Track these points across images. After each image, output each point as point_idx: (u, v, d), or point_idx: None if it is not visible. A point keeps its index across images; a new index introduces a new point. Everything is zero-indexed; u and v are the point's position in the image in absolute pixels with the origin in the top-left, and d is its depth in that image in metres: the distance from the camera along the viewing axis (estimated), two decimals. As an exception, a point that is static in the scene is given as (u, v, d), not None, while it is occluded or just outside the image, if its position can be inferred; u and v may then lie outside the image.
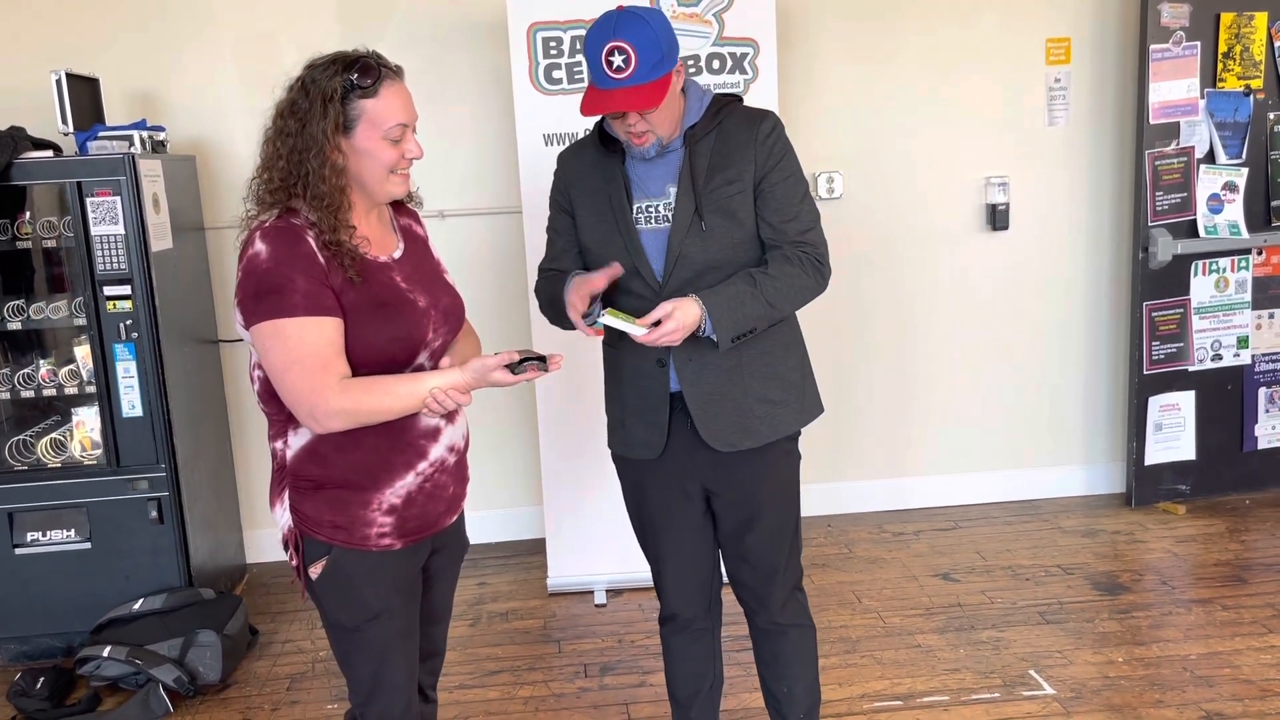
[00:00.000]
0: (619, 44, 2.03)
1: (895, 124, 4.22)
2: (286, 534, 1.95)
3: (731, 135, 2.18)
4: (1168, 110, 4.09)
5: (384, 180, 1.87)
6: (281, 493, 1.94)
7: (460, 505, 2.09)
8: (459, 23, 4.00)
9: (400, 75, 1.88)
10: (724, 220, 2.16)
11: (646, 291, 2.18)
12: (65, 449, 3.51)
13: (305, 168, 1.79)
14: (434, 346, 1.95)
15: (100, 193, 3.29)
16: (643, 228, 2.20)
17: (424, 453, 1.94)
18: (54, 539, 3.44)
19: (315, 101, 1.78)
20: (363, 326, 1.82)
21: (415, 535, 1.97)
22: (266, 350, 1.79)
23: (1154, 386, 4.27)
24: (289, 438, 1.91)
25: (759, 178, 2.17)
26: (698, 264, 2.16)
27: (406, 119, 1.86)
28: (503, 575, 4.01)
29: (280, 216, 1.82)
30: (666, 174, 2.19)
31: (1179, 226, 4.16)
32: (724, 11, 3.49)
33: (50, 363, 3.53)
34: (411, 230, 2.06)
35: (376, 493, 1.90)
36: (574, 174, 2.27)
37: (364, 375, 1.83)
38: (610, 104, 2.05)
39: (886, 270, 4.31)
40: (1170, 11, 4.02)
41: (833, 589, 3.75)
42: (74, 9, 3.88)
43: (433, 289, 1.97)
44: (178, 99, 3.97)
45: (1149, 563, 3.85)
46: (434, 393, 1.81)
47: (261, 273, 1.78)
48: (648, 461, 2.30)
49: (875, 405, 4.42)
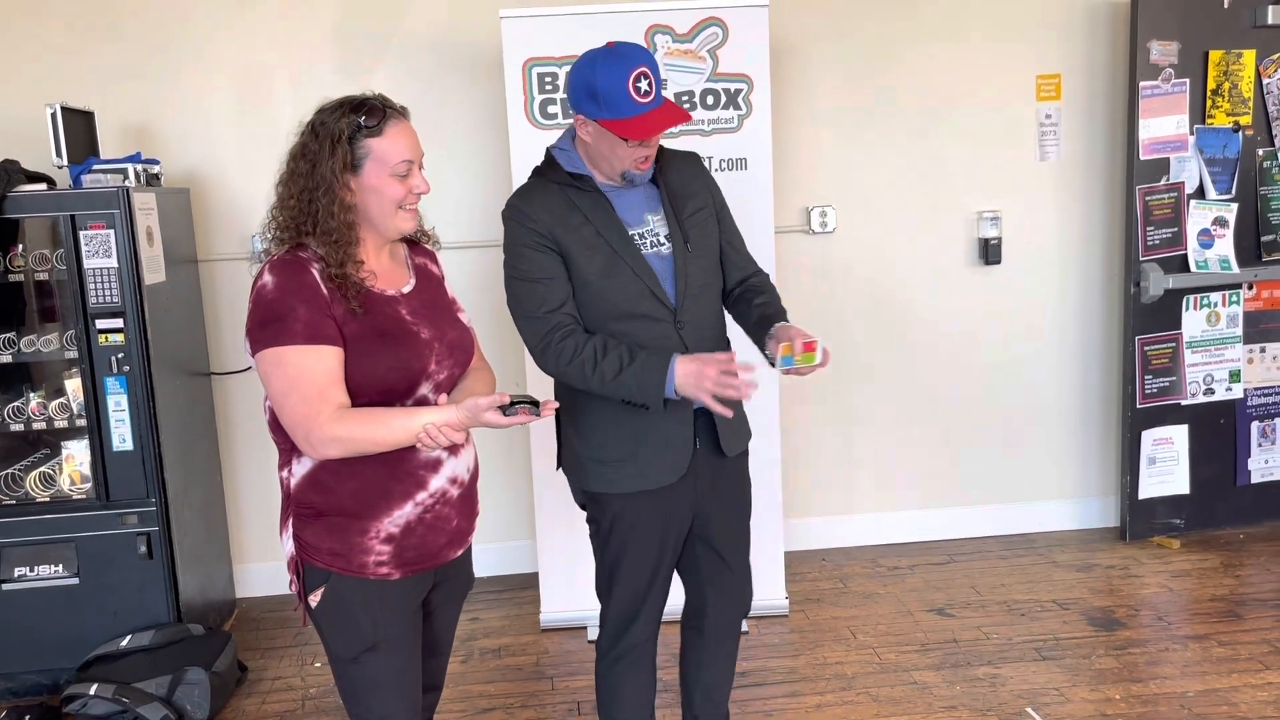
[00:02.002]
0: (643, 70, 2.16)
1: (887, 158, 4.24)
2: (290, 561, 1.98)
3: (681, 169, 2.39)
4: (1158, 146, 4.13)
5: (393, 216, 1.94)
6: (287, 521, 1.98)
7: (466, 539, 2.10)
8: (454, 56, 4.02)
9: (405, 115, 1.98)
10: (704, 242, 2.36)
11: (661, 314, 2.28)
12: (54, 483, 3.48)
13: (315, 205, 1.87)
14: (438, 379, 1.97)
15: (94, 226, 3.28)
16: (645, 254, 2.28)
17: (423, 483, 1.96)
18: (42, 574, 3.40)
19: (324, 143, 1.88)
20: (364, 355, 1.87)
21: (414, 566, 1.98)
22: (269, 377, 1.85)
23: (1147, 420, 4.28)
24: (293, 466, 1.96)
25: (716, 206, 2.43)
26: (697, 284, 2.32)
27: (412, 155, 1.95)
28: (495, 610, 3.97)
29: (290, 251, 1.91)
30: (639, 204, 2.31)
31: (1170, 261, 4.18)
32: (718, 48, 3.51)
33: (40, 396, 3.51)
34: (426, 269, 2.11)
35: (374, 521, 1.93)
36: (549, 215, 2.25)
37: (365, 403, 1.87)
38: (659, 123, 2.16)
39: (879, 304, 4.32)
40: (1159, 49, 4.06)
41: (827, 624, 3.72)
42: (69, 42, 3.89)
43: (439, 323, 2.02)
44: (172, 131, 3.97)
45: (1144, 598, 3.84)
46: (427, 428, 1.83)
47: (267, 302, 1.86)
48: (651, 492, 2.32)
49: (868, 439, 4.42)
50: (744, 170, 3.58)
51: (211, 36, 3.95)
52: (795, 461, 4.25)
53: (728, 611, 2.55)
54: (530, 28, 3.47)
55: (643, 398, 2.19)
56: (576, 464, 2.40)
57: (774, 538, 3.78)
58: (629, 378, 2.19)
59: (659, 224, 2.32)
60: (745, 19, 3.50)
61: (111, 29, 3.90)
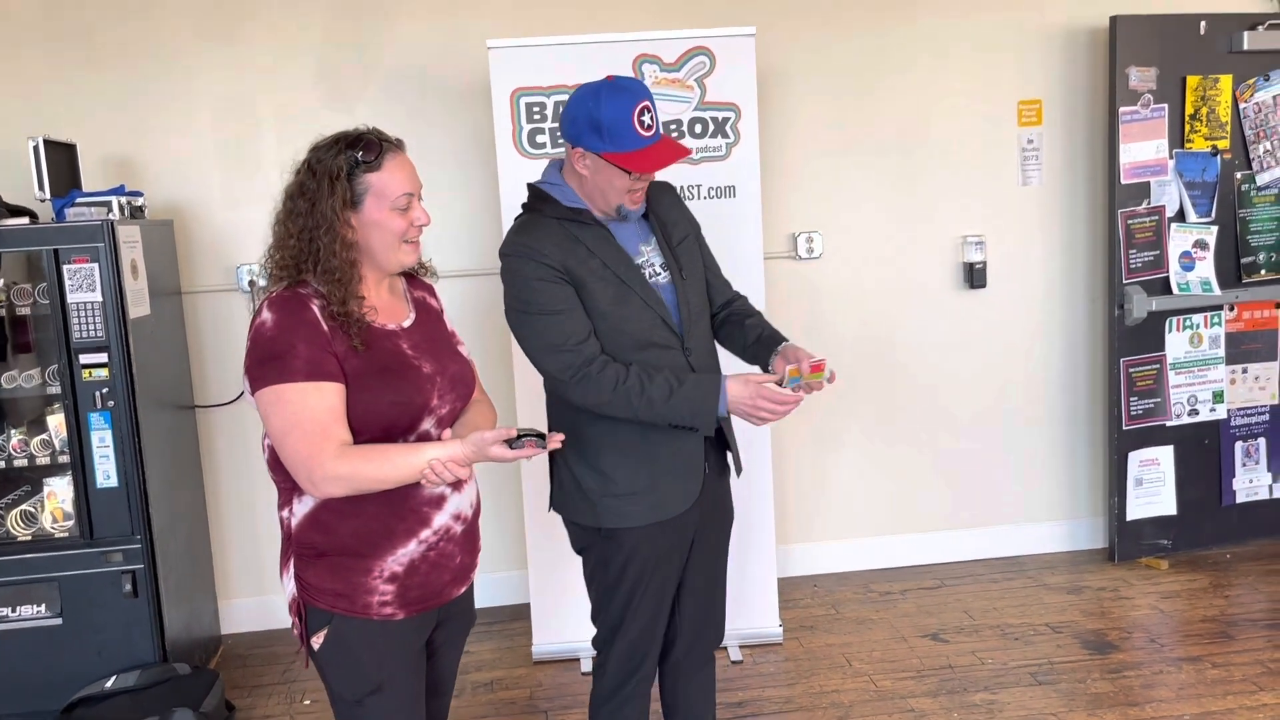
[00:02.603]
0: (646, 104, 2.18)
1: (872, 184, 4.27)
2: (291, 603, 1.95)
3: (661, 200, 2.41)
4: (1138, 170, 4.17)
5: (395, 250, 1.93)
6: (288, 562, 1.95)
7: (469, 576, 2.06)
8: (438, 86, 4.01)
9: (402, 147, 1.97)
10: (694, 269, 2.40)
11: (672, 341, 2.29)
12: (36, 521, 3.42)
13: (316, 244, 1.85)
14: (440, 413, 1.95)
15: (78, 260, 3.24)
16: (650, 282, 2.30)
17: (427, 520, 1.94)
18: (24, 615, 3.33)
19: (322, 181, 1.86)
20: (365, 391, 1.85)
21: (419, 606, 1.95)
22: (269, 415, 1.82)
23: (1133, 441, 4.30)
24: (294, 506, 1.93)
25: (695, 234, 2.47)
26: (695, 311, 2.36)
27: (412, 188, 1.94)
28: (486, 643, 3.93)
29: (289, 287, 1.88)
30: (631, 235, 2.33)
31: (1153, 284, 4.22)
32: (705, 77, 3.52)
33: (21, 432, 3.45)
34: (425, 302, 2.10)
35: (378, 560, 1.90)
36: (558, 250, 2.21)
37: (367, 440, 1.85)
38: (665, 157, 2.18)
39: (866, 328, 4.33)
40: (1138, 75, 4.11)
41: (822, 652, 3.71)
42: (50, 74, 3.85)
43: (440, 357, 2.00)
44: (155, 163, 3.94)
45: (1136, 620, 3.85)
46: (432, 464, 1.82)
47: (266, 340, 1.83)
48: (669, 521, 2.31)
49: (856, 464, 4.42)
50: (732, 198, 3.59)
51: (194, 67, 3.92)
52: (783, 486, 4.25)
53: (703, 636, 2.52)
54: (518, 58, 3.47)
55: (694, 421, 2.19)
56: (585, 502, 2.32)
57: (767, 565, 3.76)
58: (680, 401, 2.18)
59: (653, 254, 2.34)
60: (732, 48, 3.52)
61: (93, 60, 3.87)
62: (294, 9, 3.93)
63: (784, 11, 4.12)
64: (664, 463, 2.29)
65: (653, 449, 2.27)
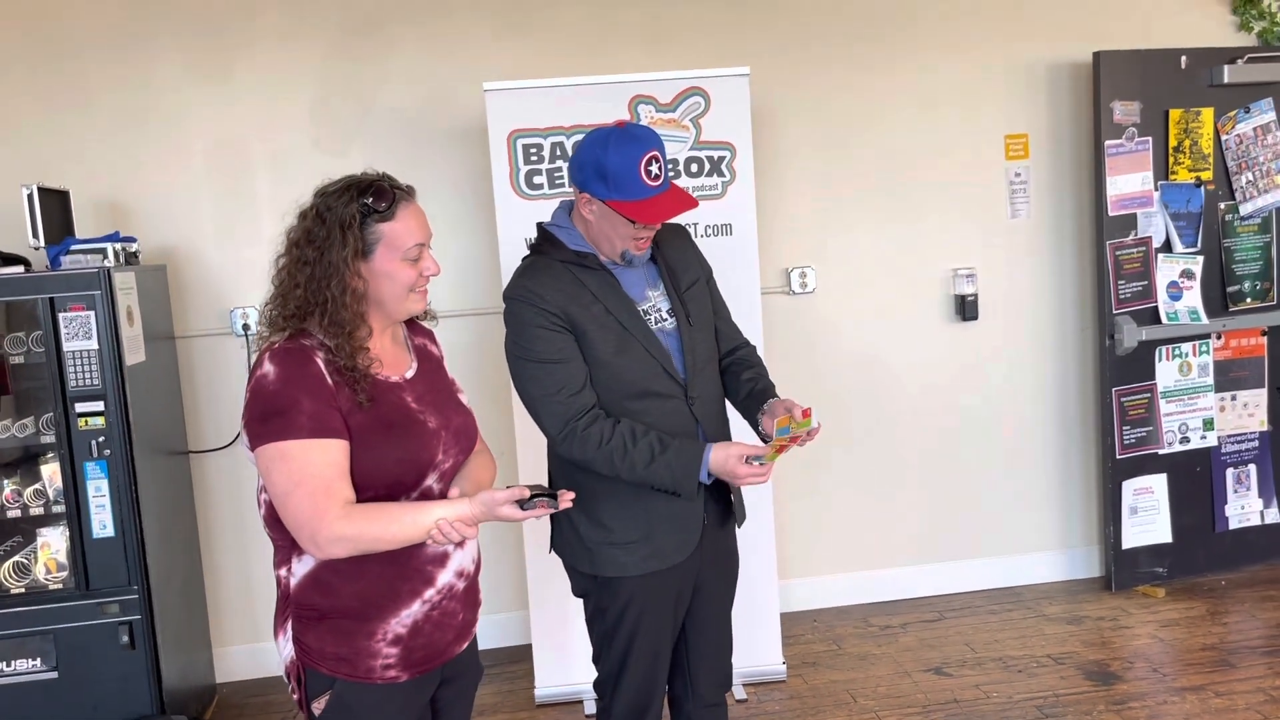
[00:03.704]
0: (654, 153, 2.17)
1: (864, 219, 4.31)
2: (289, 666, 1.88)
3: (672, 243, 2.41)
4: (1125, 202, 4.23)
5: (404, 299, 1.88)
6: (285, 622, 1.88)
7: (471, 631, 2.02)
8: (434, 127, 4.02)
9: (412, 195, 1.91)
10: (702, 315, 2.37)
11: (674, 390, 2.27)
12: (29, 572, 3.36)
13: (324, 295, 1.78)
14: (444, 468, 1.91)
15: (74, 308, 3.21)
16: (654, 329, 2.28)
17: (431, 579, 1.89)
18: (19, 669, 3.27)
19: (333, 229, 1.79)
20: (371, 448, 1.79)
21: (422, 666, 1.90)
22: (270, 472, 1.76)
23: (1127, 470, 4.33)
24: (293, 565, 1.86)
25: (706, 278, 2.45)
26: (702, 358, 2.33)
27: (423, 238, 1.89)
28: (487, 686, 3.88)
29: (291, 337, 1.82)
30: (639, 281, 2.31)
31: (1142, 314, 4.27)
32: (701, 117, 3.55)
33: (15, 482, 3.40)
34: (426, 349, 2.05)
35: (381, 623, 1.84)
36: (560, 295, 2.21)
37: (371, 497, 1.80)
38: (669, 208, 2.17)
39: (859, 361, 4.35)
40: (1122, 109, 4.18)
41: (827, 689, 3.69)
42: (42, 120, 3.83)
43: (444, 409, 1.95)
44: (148, 207, 3.92)
45: (1137, 649, 3.86)
46: (439, 524, 1.77)
47: (269, 394, 1.76)
48: (667, 571, 2.29)
49: (852, 496, 4.42)
50: (729, 235, 3.61)
51: (186, 111, 3.91)
52: (781, 520, 4.24)
53: (713, 681, 2.50)
54: (514, 100, 3.49)
55: (676, 486, 2.18)
56: (583, 550, 2.32)
57: (769, 602, 3.75)
58: (662, 467, 2.17)
59: (660, 300, 2.32)
60: (726, 88, 3.55)
61: (84, 106, 3.85)
62: (288, 50, 3.94)
63: (777, 52, 4.17)
64: (661, 513, 2.26)
65: (649, 499, 2.25)
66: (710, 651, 2.48)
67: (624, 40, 4.08)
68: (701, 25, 4.12)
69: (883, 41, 4.24)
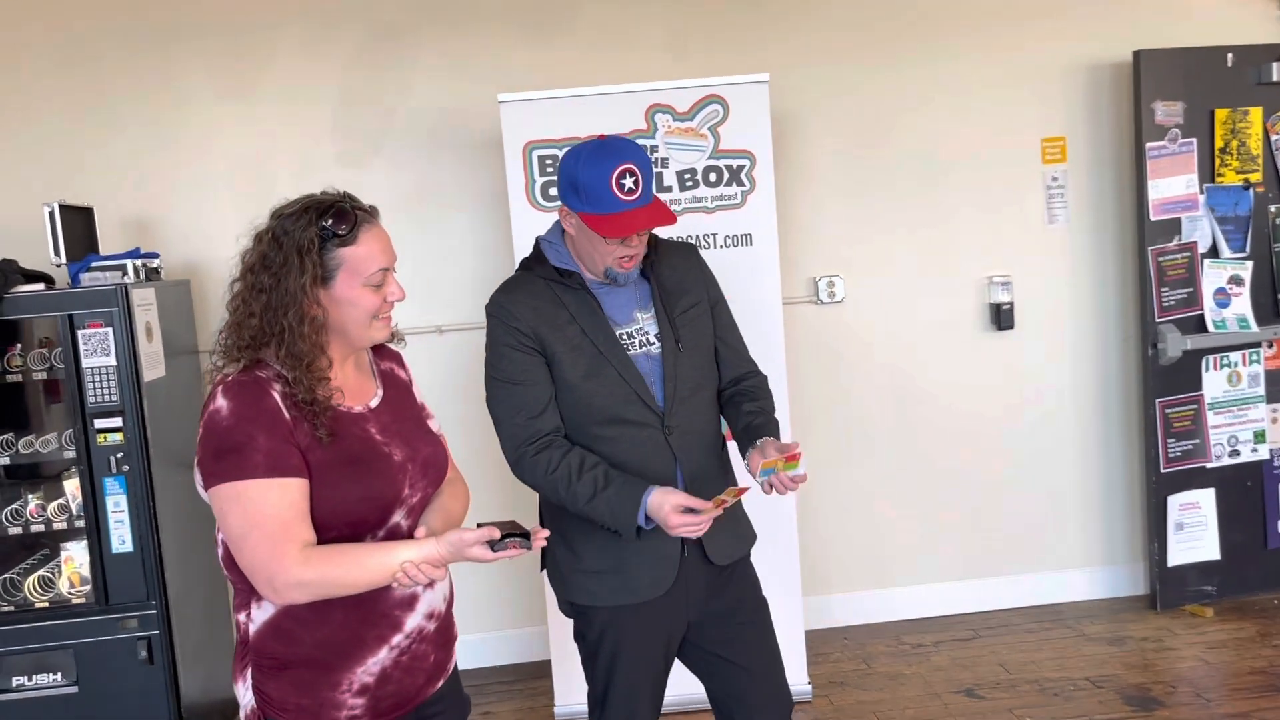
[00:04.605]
0: (629, 166, 2.07)
1: (894, 226, 4.20)
2: (249, 717, 1.78)
3: (677, 263, 2.29)
4: (1168, 206, 4.07)
5: (367, 327, 1.78)
6: (244, 670, 1.78)
7: (446, 669, 1.92)
8: (454, 139, 4.01)
9: (376, 216, 1.81)
10: (697, 340, 2.25)
11: (649, 418, 2.17)
12: (53, 586, 3.39)
13: (281, 325, 1.68)
14: (411, 503, 1.81)
15: (92, 325, 3.24)
16: (633, 354, 2.18)
17: (399, 624, 1.78)
18: (40, 683, 3.30)
19: (290, 255, 1.68)
20: (332, 486, 1.69)
21: (392, 714, 1.80)
22: (225, 514, 1.66)
23: (1172, 485, 4.16)
24: (252, 610, 1.76)
25: (712, 301, 2.32)
26: (688, 386, 2.21)
27: (387, 263, 1.77)
28: (507, 703, 3.85)
29: (246, 369, 1.71)
30: (629, 301, 2.22)
31: (1187, 321, 4.10)
32: (719, 125, 3.48)
33: (39, 497, 3.43)
34: (393, 375, 1.94)
35: (346, 672, 1.74)
36: (534, 313, 2.16)
37: (334, 537, 1.70)
38: (637, 223, 2.06)
39: (891, 372, 4.24)
40: (1164, 110, 4.02)
41: (853, 710, 3.59)
42: (69, 138, 3.88)
43: (412, 440, 1.84)
44: (173, 222, 3.95)
45: (1181, 672, 3.70)
46: (405, 567, 1.65)
47: (222, 431, 1.66)
48: (635, 606, 2.20)
49: (885, 511, 4.31)
50: (749, 246, 3.53)
51: (211, 127, 3.94)
52: (812, 536, 4.14)
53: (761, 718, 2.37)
54: (529, 111, 3.45)
55: (614, 524, 2.09)
56: (560, 575, 2.28)
57: (794, 620, 3.65)
58: (601, 504, 2.09)
59: (649, 322, 2.22)
60: (745, 95, 3.48)
61: (110, 122, 3.90)
62: (309, 64, 3.95)
63: (798, 57, 4.08)
64: (632, 546, 2.16)
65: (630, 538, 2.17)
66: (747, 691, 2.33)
67: (644, 49, 4.02)
68: (722, 32, 4.05)
69: (912, 44, 4.14)
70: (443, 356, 4.04)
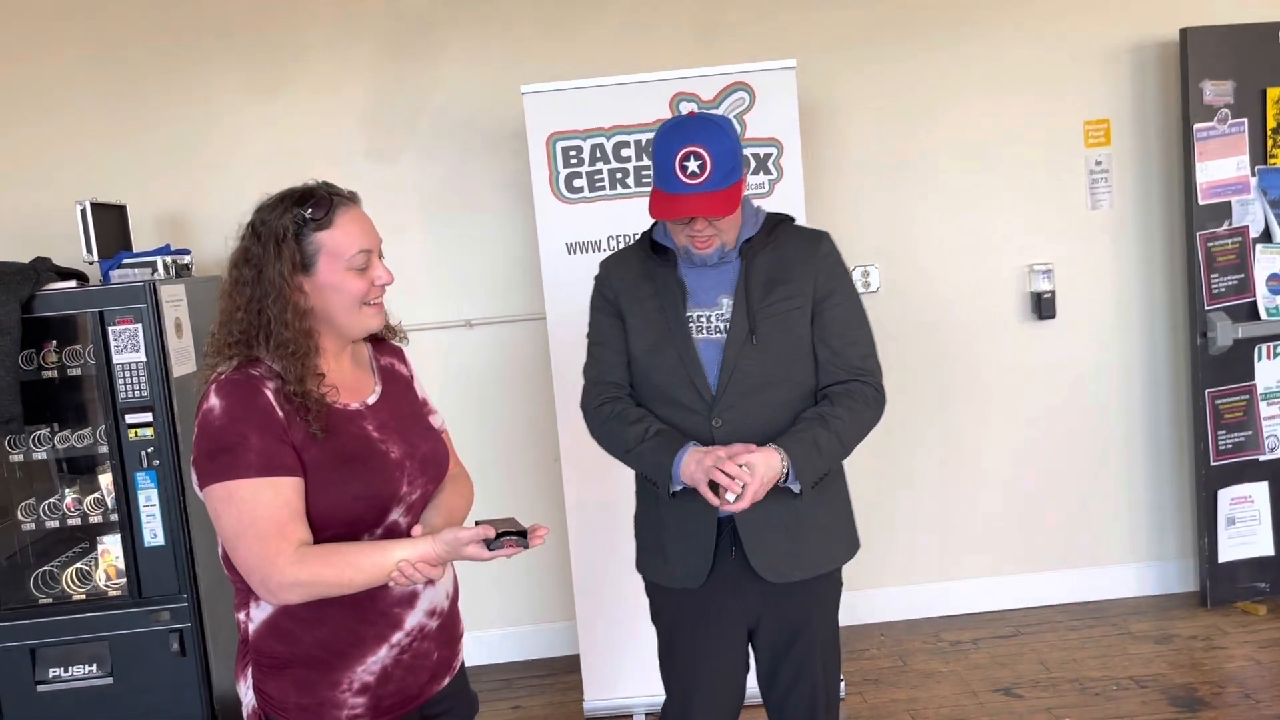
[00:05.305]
0: (695, 149, 2.01)
1: (929, 213, 4.10)
2: (250, 716, 1.79)
3: (789, 251, 2.16)
4: (1217, 190, 3.92)
5: (356, 313, 1.76)
6: (245, 669, 1.78)
7: (452, 666, 1.90)
8: (482, 132, 3.99)
9: (356, 200, 1.79)
10: (780, 336, 2.11)
11: (698, 404, 2.13)
12: (90, 579, 3.45)
13: (265, 315, 1.68)
14: (410, 500, 1.79)
15: (122, 321, 3.27)
16: (697, 338, 2.14)
17: (398, 622, 1.77)
18: (76, 675, 3.35)
19: (268, 244, 1.69)
20: (327, 484, 1.68)
21: (394, 713, 1.79)
22: (219, 514, 1.66)
23: (1223, 478, 4.02)
24: (251, 610, 1.76)
25: (819, 297, 2.14)
26: (753, 379, 2.11)
27: (369, 244, 1.76)
28: (538, 697, 3.84)
29: (239, 367, 1.71)
30: (720, 284, 2.15)
31: (1238, 309, 3.96)
32: (745, 113, 3.42)
33: (75, 491, 3.49)
34: (393, 370, 1.93)
35: (346, 671, 1.73)
36: (622, 280, 2.21)
37: (330, 536, 1.69)
38: (684, 209, 2.02)
39: (929, 364, 4.15)
40: (1213, 90, 3.88)
41: (886, 708, 3.52)
42: (103, 136, 3.94)
43: (410, 436, 1.82)
44: (206, 219, 3.98)
45: (1230, 672, 3.57)
46: (401, 566, 1.63)
47: (215, 430, 1.66)
48: (688, 591, 2.19)
49: (925, 504, 4.22)
50: (777, 236, 3.46)
51: (241, 123, 3.97)
52: (847, 532, 4.06)
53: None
54: (553, 102, 3.42)
55: (655, 475, 2.11)
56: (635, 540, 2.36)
57: (825, 617, 3.59)
58: (646, 450, 2.11)
59: (730, 309, 2.14)
60: (772, 82, 3.41)
61: (143, 120, 3.94)
62: (338, 61, 3.96)
63: (828, 41, 4.00)
64: (672, 531, 2.17)
65: (662, 513, 2.18)
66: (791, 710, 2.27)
67: (669, 36, 3.97)
68: (749, 18, 3.98)
69: (947, 24, 4.03)
70: (472, 350, 4.04)
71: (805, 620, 2.21)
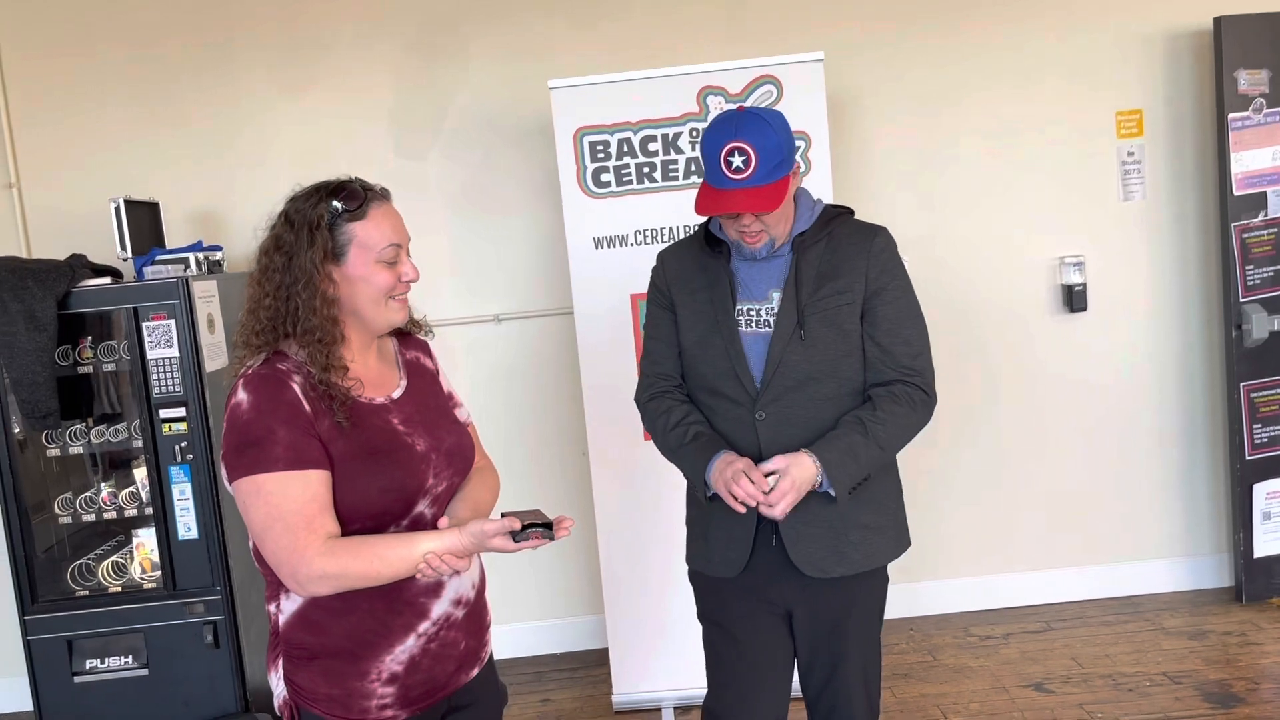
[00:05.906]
0: (740, 145, 2.01)
1: (959, 206, 4.07)
2: (281, 706, 1.81)
3: (843, 246, 2.13)
4: (1252, 180, 3.87)
5: (382, 307, 1.78)
6: (276, 660, 1.81)
7: (480, 656, 1.91)
8: (509, 128, 4.00)
9: (388, 197, 1.82)
10: (828, 331, 2.09)
11: (742, 397, 2.12)
12: (125, 572, 3.50)
13: (294, 302, 1.70)
14: (436, 492, 1.80)
15: (155, 317, 3.31)
16: (744, 331, 2.14)
17: (425, 612, 1.78)
18: (112, 666, 3.40)
19: (301, 232, 1.71)
20: (353, 477, 1.70)
21: (422, 703, 1.80)
22: (248, 508, 1.68)
23: (1259, 472, 3.97)
24: (281, 601, 1.78)
25: (870, 293, 2.10)
26: (798, 373, 2.09)
27: (399, 239, 1.79)
28: (567, 690, 3.85)
29: (266, 361, 1.73)
30: (771, 278, 2.14)
31: (1274, 301, 3.90)
32: (773, 105, 3.40)
33: (110, 485, 3.53)
34: (418, 364, 1.94)
35: (374, 661, 1.75)
36: (675, 272, 2.24)
37: (358, 529, 1.71)
38: (727, 204, 2.02)
39: (960, 358, 4.12)
40: (1248, 79, 3.82)
41: (915, 703, 3.51)
42: (136, 134, 3.98)
43: (435, 429, 1.84)
44: (239, 216, 4.02)
45: (1265, 669, 3.53)
46: (428, 558, 1.65)
47: (243, 424, 1.68)
48: (726, 580, 2.20)
49: (956, 499, 4.20)
50: (805, 229, 3.45)
51: (271, 122, 4.00)
52: (876, 527, 4.05)
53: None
54: (580, 97, 3.42)
55: (693, 478, 2.17)
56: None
57: (854, 611, 3.58)
58: (685, 456, 2.16)
59: (779, 302, 2.12)
60: (800, 75, 3.40)
61: (177, 119, 3.99)
62: (365, 57, 3.98)
63: (856, 33, 3.97)
64: (715, 520, 2.19)
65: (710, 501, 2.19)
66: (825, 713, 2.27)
67: (697, 29, 3.96)
68: (776, 10, 3.96)
69: (975, 14, 4.00)
70: (500, 345, 4.05)
71: (844, 615, 2.20)
